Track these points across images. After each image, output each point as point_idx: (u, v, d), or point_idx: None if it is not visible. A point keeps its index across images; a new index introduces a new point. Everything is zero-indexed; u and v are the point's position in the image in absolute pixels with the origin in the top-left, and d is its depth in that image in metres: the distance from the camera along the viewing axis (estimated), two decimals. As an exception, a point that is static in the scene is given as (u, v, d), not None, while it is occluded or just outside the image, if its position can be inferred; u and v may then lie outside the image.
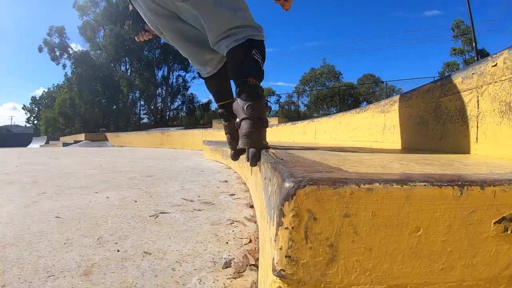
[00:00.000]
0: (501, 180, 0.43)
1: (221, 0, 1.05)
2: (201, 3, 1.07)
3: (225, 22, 1.07)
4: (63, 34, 24.74)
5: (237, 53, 1.06)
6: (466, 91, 1.18)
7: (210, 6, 1.06)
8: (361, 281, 0.41)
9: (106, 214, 1.29)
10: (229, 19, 1.07)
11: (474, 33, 12.65)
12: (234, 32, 1.07)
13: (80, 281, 0.71)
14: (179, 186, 2.00)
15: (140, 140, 12.20)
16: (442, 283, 0.41)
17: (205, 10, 1.08)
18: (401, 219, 0.41)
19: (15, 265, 0.79)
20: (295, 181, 0.41)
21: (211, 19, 1.09)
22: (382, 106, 2.03)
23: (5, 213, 1.29)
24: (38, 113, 39.54)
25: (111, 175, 2.49)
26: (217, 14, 1.07)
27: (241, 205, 1.49)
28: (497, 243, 0.42)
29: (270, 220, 0.49)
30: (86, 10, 25.26)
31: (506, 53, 0.98)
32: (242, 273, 0.78)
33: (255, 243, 0.97)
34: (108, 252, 0.89)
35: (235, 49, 1.06)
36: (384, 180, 0.42)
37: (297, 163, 0.66)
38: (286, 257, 0.40)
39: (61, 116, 27.29)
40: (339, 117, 2.99)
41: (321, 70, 26.01)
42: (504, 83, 0.99)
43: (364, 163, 0.73)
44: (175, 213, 1.32)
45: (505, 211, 0.42)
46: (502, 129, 0.99)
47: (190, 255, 0.88)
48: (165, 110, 27.30)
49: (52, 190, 1.80)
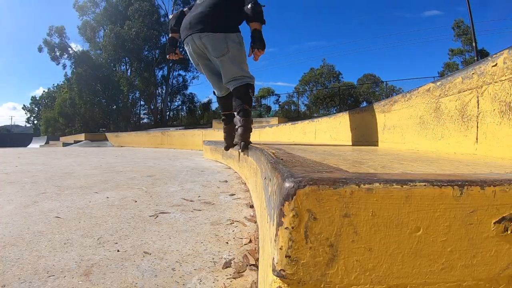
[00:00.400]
0: (501, 180, 0.43)
1: (234, 60, 1.89)
2: (224, 60, 1.89)
3: (235, 72, 1.92)
4: (63, 34, 24.72)
5: (239, 90, 1.92)
6: (466, 91, 1.18)
7: (228, 62, 1.90)
8: (361, 281, 0.41)
9: (106, 214, 1.29)
10: (237, 71, 1.92)
11: (474, 33, 12.65)
12: (239, 78, 1.93)
13: (80, 281, 0.71)
14: (179, 186, 2.00)
15: (140, 140, 12.20)
16: (442, 283, 0.41)
17: (225, 63, 1.90)
18: (401, 219, 0.41)
19: (15, 265, 0.79)
20: (295, 181, 0.41)
21: (227, 69, 1.92)
22: (382, 106, 2.03)
23: (5, 213, 1.29)
24: (38, 113, 39.55)
25: (111, 175, 2.49)
26: (231, 67, 1.91)
27: (241, 205, 1.49)
28: (497, 243, 0.42)
29: (270, 220, 0.49)
30: (86, 10, 25.26)
31: (506, 53, 0.98)
32: (242, 273, 0.78)
33: (255, 243, 0.97)
34: (108, 252, 0.89)
35: (238, 88, 1.93)
36: (384, 180, 0.42)
37: (297, 163, 0.66)
38: (286, 257, 0.40)
39: (61, 116, 27.28)
40: (339, 117, 2.99)
41: (320, 70, 26.00)
42: (504, 83, 0.98)
43: (364, 163, 0.73)
44: (175, 213, 1.32)
45: (505, 211, 0.42)
46: (502, 129, 0.99)
47: (190, 255, 0.88)
48: (165, 110, 27.28)
49: (52, 190, 1.80)
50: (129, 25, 23.15)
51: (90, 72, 24.33)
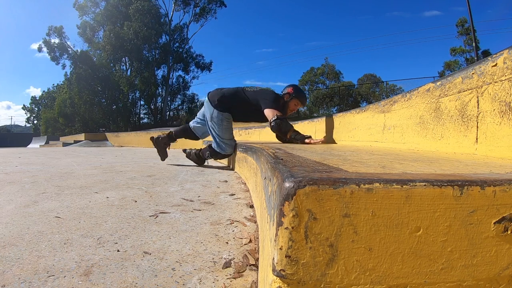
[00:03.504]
0: (501, 180, 0.43)
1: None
2: (211, 123, 2.91)
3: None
4: (62, 34, 24.69)
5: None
6: (466, 91, 1.18)
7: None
8: (361, 281, 0.41)
9: (106, 214, 1.29)
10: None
11: (474, 33, 12.65)
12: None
13: (80, 281, 0.71)
14: (179, 186, 2.00)
15: (140, 140, 12.18)
16: (442, 283, 0.41)
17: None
18: (401, 219, 0.41)
19: (15, 265, 0.79)
20: (295, 181, 0.41)
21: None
22: (382, 106, 2.03)
23: (5, 213, 1.29)
24: (38, 113, 39.53)
25: (111, 175, 2.49)
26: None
27: (241, 205, 1.49)
28: (497, 243, 0.42)
29: (270, 220, 0.49)
30: (87, 10, 25.23)
31: (506, 53, 0.98)
32: (242, 273, 0.78)
33: (255, 243, 0.97)
34: (108, 252, 0.88)
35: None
36: (384, 180, 0.42)
37: (297, 163, 0.66)
38: (286, 257, 0.40)
39: (61, 116, 27.26)
40: (339, 117, 2.98)
41: (321, 70, 26.00)
42: (504, 83, 0.98)
43: (364, 163, 0.73)
44: (175, 213, 1.32)
45: (505, 211, 0.42)
46: (502, 129, 0.99)
47: (190, 255, 0.88)
48: (165, 110, 27.27)
49: (52, 190, 1.80)
50: (128, 25, 23.14)
51: (90, 72, 24.31)
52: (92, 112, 26.11)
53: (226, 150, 2.90)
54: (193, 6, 26.22)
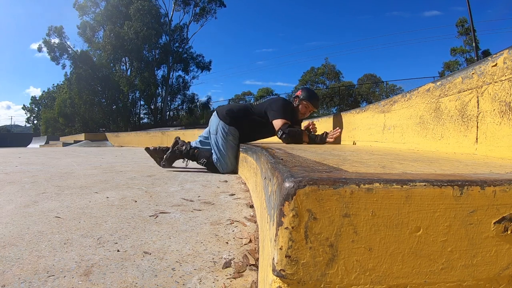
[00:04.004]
0: (501, 180, 0.43)
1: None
2: (216, 137, 2.77)
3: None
4: (62, 34, 24.68)
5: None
6: (466, 91, 1.18)
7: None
8: (361, 281, 0.41)
9: (106, 214, 1.29)
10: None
11: (474, 33, 12.65)
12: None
13: (80, 281, 0.71)
14: (179, 186, 2.00)
15: (140, 140, 12.19)
16: (442, 283, 0.41)
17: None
18: (401, 219, 0.41)
19: (15, 265, 0.79)
20: (295, 181, 0.41)
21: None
22: (382, 106, 2.03)
23: (5, 213, 1.29)
24: (38, 113, 39.53)
25: (111, 175, 2.49)
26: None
27: (241, 205, 1.49)
28: (497, 243, 0.42)
29: (270, 220, 0.49)
30: (87, 10, 25.23)
31: (506, 53, 0.98)
32: (242, 273, 0.78)
33: (255, 243, 0.97)
34: (108, 252, 0.88)
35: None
36: (384, 180, 0.42)
37: (297, 163, 0.66)
38: (286, 257, 0.40)
39: (61, 116, 27.25)
40: (338, 117, 2.98)
41: (322, 70, 26.01)
42: (504, 83, 0.98)
43: (364, 163, 0.73)
44: (175, 213, 1.32)
45: (505, 211, 0.42)
46: (502, 129, 0.99)
47: (190, 255, 0.88)
48: (165, 110, 27.27)
49: (52, 190, 1.80)
50: (129, 25, 23.13)
51: (90, 72, 24.30)
52: (92, 112, 26.12)
53: (225, 167, 2.72)
54: (193, 6, 26.26)
